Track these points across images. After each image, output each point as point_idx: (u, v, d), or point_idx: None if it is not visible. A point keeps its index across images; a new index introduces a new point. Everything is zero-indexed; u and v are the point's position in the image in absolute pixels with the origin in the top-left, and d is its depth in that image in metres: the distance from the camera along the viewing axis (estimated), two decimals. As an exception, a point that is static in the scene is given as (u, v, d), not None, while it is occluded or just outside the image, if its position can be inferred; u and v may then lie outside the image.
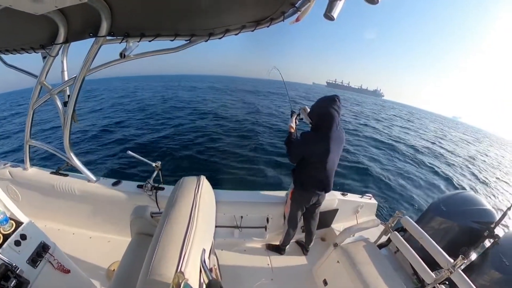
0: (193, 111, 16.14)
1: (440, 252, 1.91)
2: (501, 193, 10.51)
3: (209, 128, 11.70)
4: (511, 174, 15.45)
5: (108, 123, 12.09)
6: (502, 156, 24.64)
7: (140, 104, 19.28)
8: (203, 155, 8.00)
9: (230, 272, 2.43)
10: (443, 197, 2.81)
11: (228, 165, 7.23)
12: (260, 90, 43.46)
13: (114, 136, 9.68)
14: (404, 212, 2.30)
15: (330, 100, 2.15)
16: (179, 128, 11.24)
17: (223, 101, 23.46)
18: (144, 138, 9.56)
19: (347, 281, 2.03)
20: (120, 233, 2.54)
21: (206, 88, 40.85)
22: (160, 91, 32.81)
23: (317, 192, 2.37)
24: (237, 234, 2.80)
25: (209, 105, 19.79)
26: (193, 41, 1.61)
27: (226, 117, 14.63)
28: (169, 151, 7.98)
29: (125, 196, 2.42)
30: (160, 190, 2.42)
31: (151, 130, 10.81)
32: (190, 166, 7.04)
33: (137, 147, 8.47)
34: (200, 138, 9.80)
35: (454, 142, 25.52)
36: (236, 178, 6.46)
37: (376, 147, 12.52)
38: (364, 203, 3.17)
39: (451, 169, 11.93)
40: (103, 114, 14.84)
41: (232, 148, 8.82)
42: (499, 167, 17.15)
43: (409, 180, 8.57)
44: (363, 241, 2.31)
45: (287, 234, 2.64)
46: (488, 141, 42.82)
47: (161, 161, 2.40)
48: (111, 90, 34.60)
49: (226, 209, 2.65)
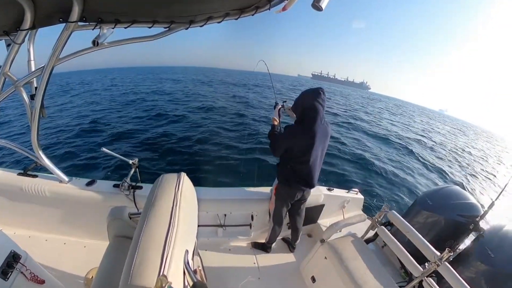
0: (172, 104, 15.63)
1: (427, 245, 1.93)
2: (487, 186, 10.82)
3: (190, 121, 11.28)
4: (496, 167, 15.96)
5: (82, 118, 11.36)
6: (488, 148, 25.49)
7: (115, 98, 18.52)
8: (184, 150, 7.69)
9: (215, 272, 2.36)
10: (429, 191, 2.88)
11: (209, 161, 6.98)
12: (245, 83, 42.95)
13: (88, 133, 9.06)
14: (391, 206, 2.29)
15: (314, 92, 2.09)
16: (159, 123, 10.80)
17: (205, 94, 23.20)
18: (120, 133, 8.99)
19: (335, 277, 2.02)
20: (97, 237, 2.40)
21: (188, 81, 40.21)
22: (139, 83, 31.99)
23: (301, 188, 2.31)
24: (221, 233, 2.71)
25: (191, 98, 19.28)
26: (172, 28, 1.51)
27: (210, 110, 14.31)
28: (148, 147, 7.66)
29: (100, 197, 2.28)
30: (138, 189, 2.29)
31: (127, 125, 10.25)
32: (170, 163, 6.78)
33: (112, 143, 7.98)
34: (180, 132, 9.42)
35: (442, 134, 26.27)
36: (218, 175, 6.21)
37: (364, 139, 12.61)
38: (350, 198, 3.15)
39: (439, 163, 12.16)
40: (75, 109, 13.97)
41: (213, 143, 8.54)
42: (486, 159, 17.71)
43: (395, 174, 8.61)
44: (350, 236, 2.31)
45: (273, 231, 2.58)
46: (474, 134, 44.11)
47: (139, 157, 2.28)
48: (85, 83, 33.44)
49: (208, 207, 2.56)
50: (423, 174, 9.65)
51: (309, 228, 3.07)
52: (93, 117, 11.58)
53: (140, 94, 20.46)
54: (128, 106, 15.11)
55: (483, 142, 33.63)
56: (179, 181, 1.10)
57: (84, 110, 13.67)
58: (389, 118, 26.99)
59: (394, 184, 7.70)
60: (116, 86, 28.98)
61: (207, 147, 8.13)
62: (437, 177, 9.84)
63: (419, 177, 9.07)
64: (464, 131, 46.61)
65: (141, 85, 29.13)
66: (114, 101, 16.85)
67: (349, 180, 7.16)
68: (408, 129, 22.21)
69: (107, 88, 27.01)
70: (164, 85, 29.99)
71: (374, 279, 1.89)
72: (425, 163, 11.12)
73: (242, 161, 7.11)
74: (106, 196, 2.28)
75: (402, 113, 41.50)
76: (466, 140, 29.01)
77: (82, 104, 16.04)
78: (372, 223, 2.35)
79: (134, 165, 2.24)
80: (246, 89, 31.53)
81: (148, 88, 25.34)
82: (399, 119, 29.24)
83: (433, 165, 11.30)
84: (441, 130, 30.97)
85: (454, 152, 16.90)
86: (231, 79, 52.46)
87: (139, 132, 9.28)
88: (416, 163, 10.89)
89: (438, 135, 24.15)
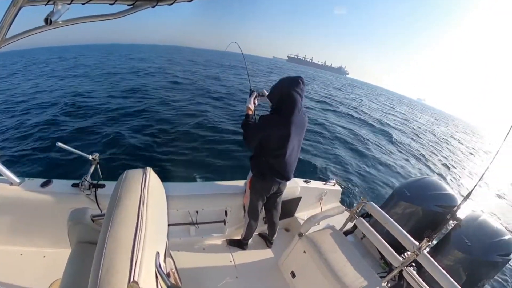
0: (135, 88, 13.75)
1: (405, 235, 1.94)
2: (464, 176, 11.27)
3: (155, 109, 10.04)
4: (473, 159, 16.63)
5: (33, 109, 9.48)
6: (464, 139, 26.59)
7: (71, 80, 15.83)
8: (149, 142, 6.96)
9: (190, 274, 2.21)
10: (407, 182, 2.93)
11: (178, 153, 6.44)
12: (220, 64, 41.36)
13: (41, 127, 7.59)
14: (368, 198, 2.27)
15: (293, 81, 1.99)
16: (121, 111, 9.39)
17: (170, 75, 21.03)
18: (78, 125, 7.76)
19: (315, 271, 2.00)
20: (57, 245, 2.14)
21: (154, 60, 36.53)
22: (99, 63, 27.67)
23: (277, 180, 2.20)
24: (193, 232, 2.56)
25: (156, 81, 17.23)
26: (137, 6, 1.34)
27: (175, 96, 12.83)
28: (109, 140, 6.82)
29: (58, 199, 2.05)
30: (100, 187, 2.09)
31: (87, 115, 8.85)
32: (134, 157, 6.14)
33: (70, 137, 6.89)
34: (144, 122, 8.43)
35: (423, 124, 26.97)
36: (188, 168, 5.77)
37: (339, 127, 12.46)
38: (328, 190, 3.11)
39: (417, 153, 12.40)
40: (25, 97, 11.27)
41: (182, 133, 7.77)
42: (461, 149, 18.40)
43: (373, 165, 8.61)
44: (329, 229, 2.28)
45: (249, 227, 2.46)
46: (452, 124, 45.77)
47: (100, 152, 2.07)
48: (37, 65, 27.80)
49: (178, 204, 2.40)
50: (401, 164, 9.73)
51: (286, 222, 3.01)
52: (46, 107, 9.69)
53: (95, 78, 17.31)
54: (87, 89, 12.82)
55: (460, 133, 35.04)
56: (145, 177, 1.04)
57: (36, 98, 11.14)
58: (369, 105, 27.23)
59: (371, 175, 7.73)
60: (75, 68, 23.96)
61: (175, 137, 7.46)
62: (414, 167, 10.02)
63: (397, 168, 9.14)
64: (441, 120, 48.25)
65: (105, 65, 26.06)
66: (72, 85, 14.12)
67: (326, 171, 7.03)
68: (386, 116, 22.34)
69: (64, 70, 22.28)
70: (129, 64, 27.75)
71: (354, 271, 1.90)
72: (402, 152, 11.30)
73: (214, 152, 6.77)
74: (65, 197, 2.05)
75: (382, 101, 42.04)
76: (444, 130, 30.08)
77: (31, 90, 13.14)
78: (350, 214, 2.33)
79: (95, 160, 2.02)
80: (218, 70, 30.19)
81: (106, 70, 21.94)
82: (379, 107, 29.64)
83: (412, 154, 11.53)
84: (420, 119, 31.80)
85: (434, 142, 17.42)
86: (201, 59, 50.83)
87: (100, 123, 8.12)
88: (393, 153, 10.95)
89: (417, 124, 24.66)
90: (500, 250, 2.08)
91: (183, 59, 47.09)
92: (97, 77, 17.54)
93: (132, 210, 0.89)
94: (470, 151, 19.96)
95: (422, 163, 10.92)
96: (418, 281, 1.86)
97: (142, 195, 0.95)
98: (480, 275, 2.16)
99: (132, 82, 15.93)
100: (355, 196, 6.05)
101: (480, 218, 2.36)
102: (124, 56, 43.43)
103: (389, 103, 42.58)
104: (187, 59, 45.75)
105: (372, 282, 1.88)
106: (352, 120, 15.49)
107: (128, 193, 0.96)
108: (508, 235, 2.19)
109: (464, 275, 2.11)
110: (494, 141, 35.21)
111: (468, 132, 41.80)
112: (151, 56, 45.58)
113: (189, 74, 23.24)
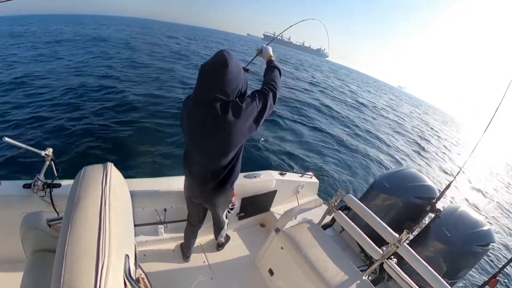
0: (93, 68, 11.75)
1: (385, 228, 1.94)
2: (443, 168, 11.56)
3: (117, 92, 8.71)
4: (452, 149, 17.16)
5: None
6: (443, 131, 27.38)
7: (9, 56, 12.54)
8: (109, 132, 6.15)
9: (161, 278, 2.09)
10: (385, 174, 2.95)
11: (141, 142, 5.77)
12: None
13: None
14: (347, 190, 2.20)
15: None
16: (79, 98, 7.85)
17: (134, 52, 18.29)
18: (25, 115, 6.41)
19: (294, 267, 1.97)
20: (10, 256, 1.88)
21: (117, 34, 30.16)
22: (45, 36, 21.65)
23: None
24: (162, 231, 2.40)
25: (120, 58, 14.90)
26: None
27: (137, 75, 11.37)
28: (62, 132, 5.87)
29: (8, 203, 1.81)
30: (55, 187, 1.86)
31: (33, 102, 7.25)
32: (93, 150, 5.38)
33: (18, 130, 5.75)
34: (104, 108, 7.28)
35: (404, 113, 27.24)
36: (155, 161, 5.24)
37: (316, 111, 12.23)
38: (304, 183, 3.03)
39: (396, 143, 12.49)
40: None
41: (149, 120, 6.95)
42: (442, 139, 18.85)
43: (351, 157, 8.50)
44: (307, 223, 2.23)
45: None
46: (432, 113, 46.90)
47: (53, 146, 1.82)
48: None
49: (144, 202, 2.19)
50: (379, 156, 9.62)
51: (261, 217, 2.92)
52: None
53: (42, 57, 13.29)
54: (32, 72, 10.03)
55: (440, 123, 36.02)
56: (105, 174, 0.98)
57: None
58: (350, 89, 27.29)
59: (349, 167, 7.66)
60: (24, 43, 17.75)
61: (140, 125, 6.63)
62: (392, 158, 10.04)
63: (375, 159, 9.08)
64: (420, 108, 49.12)
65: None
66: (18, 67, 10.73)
67: (303, 163, 6.80)
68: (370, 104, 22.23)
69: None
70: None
71: (334, 266, 1.88)
72: (381, 144, 11.28)
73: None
74: (15, 200, 1.82)
75: (360, 85, 42.04)
76: (426, 118, 30.76)
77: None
78: (328, 207, 2.27)
79: (48, 157, 1.79)
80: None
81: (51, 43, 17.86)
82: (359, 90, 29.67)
83: (390, 146, 11.56)
84: (402, 109, 32.22)
85: (415, 131, 17.73)
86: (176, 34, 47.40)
87: (49, 112, 6.80)
88: (372, 144, 10.83)
89: (398, 113, 24.88)
90: (479, 240, 2.12)
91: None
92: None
93: (93, 211, 0.83)
94: (450, 143, 20.37)
95: (399, 154, 10.91)
96: (399, 273, 1.84)
97: (104, 194, 0.89)
98: (460, 265, 2.20)
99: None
100: (333, 189, 5.90)
101: (459, 209, 2.38)
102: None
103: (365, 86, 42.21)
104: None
105: (353, 276, 1.87)
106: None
107: (87, 192, 0.89)
108: (487, 225, 2.23)
109: (444, 265, 2.14)
110: (472, 132, 36.82)
111: (448, 122, 43.11)
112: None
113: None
